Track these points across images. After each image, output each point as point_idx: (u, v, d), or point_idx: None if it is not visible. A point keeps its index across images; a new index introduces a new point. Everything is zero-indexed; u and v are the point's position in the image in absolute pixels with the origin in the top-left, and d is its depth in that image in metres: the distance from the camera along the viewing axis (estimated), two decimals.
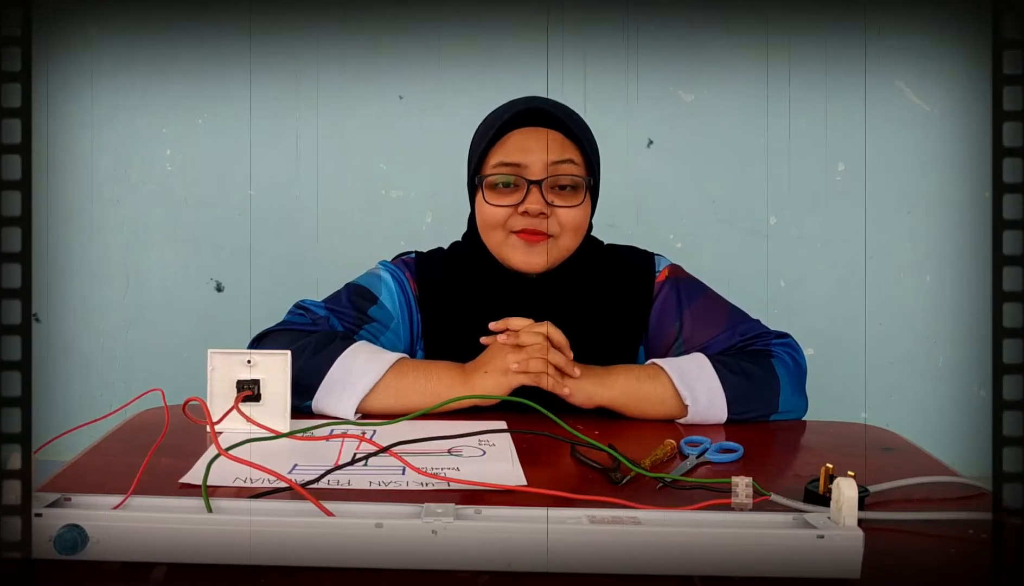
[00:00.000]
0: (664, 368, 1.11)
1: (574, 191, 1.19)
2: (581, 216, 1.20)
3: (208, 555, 0.61)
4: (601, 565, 0.62)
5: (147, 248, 2.11)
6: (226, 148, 2.09)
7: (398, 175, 2.09)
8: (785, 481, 0.88)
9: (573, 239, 1.21)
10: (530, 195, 1.17)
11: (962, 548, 0.70)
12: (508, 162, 1.18)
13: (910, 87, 2.06)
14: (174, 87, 2.07)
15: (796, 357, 1.19)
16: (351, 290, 1.24)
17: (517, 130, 1.19)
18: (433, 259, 1.30)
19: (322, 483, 0.79)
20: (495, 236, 1.21)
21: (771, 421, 1.14)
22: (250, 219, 2.10)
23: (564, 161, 1.18)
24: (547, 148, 1.17)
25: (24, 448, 0.57)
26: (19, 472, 0.57)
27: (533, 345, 1.07)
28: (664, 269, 1.28)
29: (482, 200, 1.20)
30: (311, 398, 1.08)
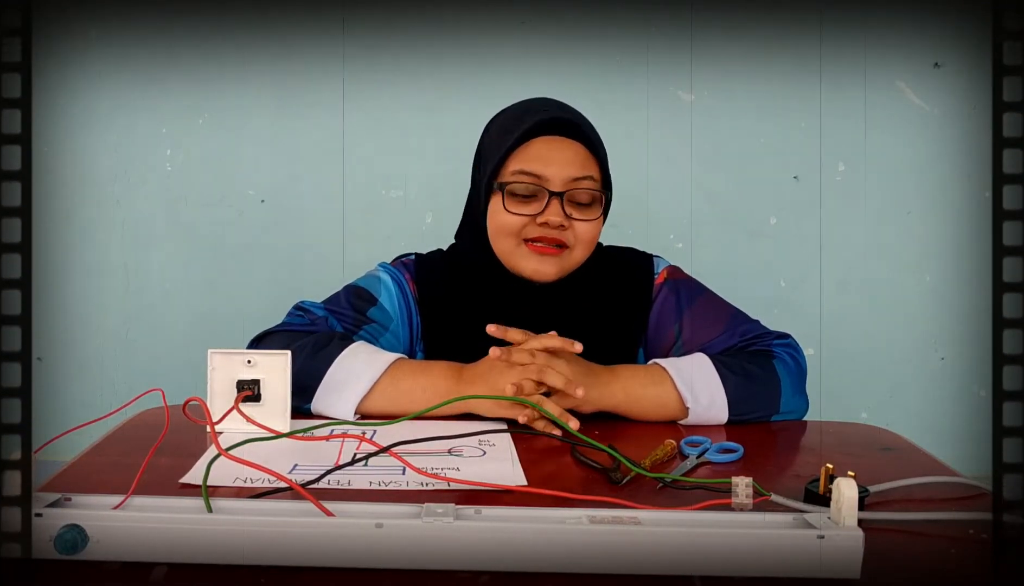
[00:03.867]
0: (666, 369, 1.11)
1: (593, 205, 1.18)
2: (596, 230, 1.20)
3: (208, 555, 0.61)
4: (601, 565, 0.61)
5: (147, 248, 2.11)
6: (226, 148, 2.09)
7: (398, 175, 2.09)
8: (785, 481, 0.88)
9: (585, 251, 1.21)
10: (550, 207, 1.16)
11: (962, 548, 0.70)
12: (529, 171, 1.16)
13: (910, 87, 2.06)
14: (174, 87, 2.07)
15: (796, 357, 1.18)
16: (350, 291, 1.23)
17: (540, 138, 1.17)
18: (433, 261, 1.29)
19: (322, 483, 0.79)
20: (507, 243, 1.19)
21: (771, 421, 1.14)
22: (250, 219, 2.10)
23: (585, 177, 1.17)
24: (570, 162, 1.16)
25: (24, 443, 0.57)
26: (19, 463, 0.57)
27: (527, 366, 1.04)
28: (663, 270, 1.28)
29: (500, 207, 1.17)
30: (310, 399, 1.07)
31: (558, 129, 1.18)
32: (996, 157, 0.57)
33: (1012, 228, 0.57)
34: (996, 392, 0.58)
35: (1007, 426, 0.58)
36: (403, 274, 1.26)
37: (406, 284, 1.25)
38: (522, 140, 1.17)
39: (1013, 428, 0.57)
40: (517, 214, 1.17)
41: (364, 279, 1.26)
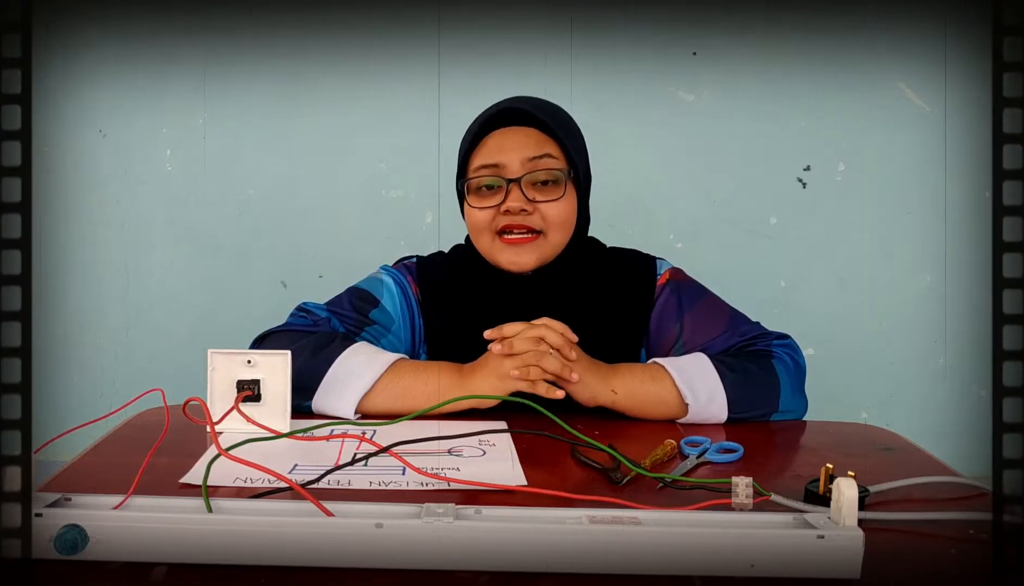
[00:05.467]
0: (665, 367, 1.11)
1: (555, 185, 1.19)
2: (566, 209, 1.20)
3: (208, 555, 0.61)
4: (601, 565, 0.61)
5: (147, 248, 2.11)
6: (226, 148, 2.09)
7: (398, 175, 2.09)
8: (785, 481, 0.88)
9: (562, 234, 1.21)
10: (510, 194, 1.17)
11: (962, 548, 0.70)
12: (487, 163, 1.19)
13: (910, 87, 2.06)
14: (174, 87, 2.07)
15: (796, 358, 1.19)
16: (353, 293, 1.24)
17: (495, 132, 1.20)
18: (434, 262, 1.30)
19: (322, 483, 0.79)
20: (483, 239, 1.21)
21: (771, 421, 1.14)
22: (250, 219, 2.10)
23: (541, 156, 1.18)
24: (524, 145, 1.18)
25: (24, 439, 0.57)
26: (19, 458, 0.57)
27: (528, 352, 1.06)
28: (665, 272, 1.28)
29: (468, 205, 1.21)
30: (311, 397, 1.08)
31: (512, 119, 1.20)
32: (996, 153, 0.57)
33: (1012, 223, 0.57)
34: (996, 387, 0.57)
35: (1007, 422, 0.58)
36: (405, 276, 1.27)
37: (408, 286, 1.26)
38: (479, 137, 1.21)
39: (1013, 423, 0.57)
40: (482, 208, 1.19)
41: (366, 281, 1.26)
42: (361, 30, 2.06)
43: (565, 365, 1.06)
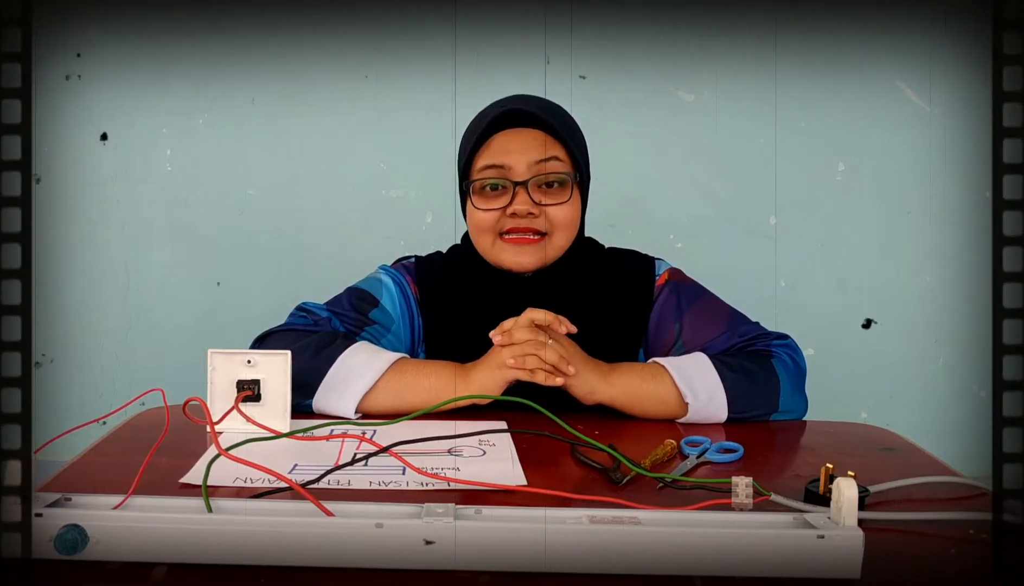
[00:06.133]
0: (665, 366, 1.11)
1: (561, 188, 1.19)
2: (572, 212, 1.20)
3: (208, 555, 0.61)
4: (601, 565, 0.61)
5: (147, 248, 2.11)
6: (226, 148, 2.09)
7: (398, 175, 2.09)
8: (785, 481, 0.88)
9: (565, 236, 1.21)
10: (517, 196, 1.17)
11: (962, 548, 0.70)
12: (493, 165, 1.18)
13: (910, 87, 2.06)
14: (174, 87, 2.07)
15: (796, 358, 1.19)
16: (352, 293, 1.24)
17: (500, 132, 1.20)
18: (433, 262, 1.30)
19: (322, 483, 0.79)
20: (485, 240, 1.21)
21: (771, 421, 1.14)
22: (250, 219, 2.10)
23: (548, 159, 1.18)
24: (531, 148, 1.18)
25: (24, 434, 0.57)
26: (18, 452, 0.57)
27: (526, 341, 1.07)
28: (664, 273, 1.28)
29: (471, 205, 1.21)
30: (312, 397, 1.08)
31: (518, 120, 1.19)
32: (996, 147, 0.57)
33: (1012, 218, 0.57)
34: (996, 382, 0.57)
35: (1007, 416, 0.58)
36: (404, 276, 1.27)
37: (407, 286, 1.26)
38: (484, 137, 1.20)
39: (1013, 418, 0.57)
40: (487, 209, 1.19)
41: (366, 281, 1.27)
42: (361, 30, 2.06)
43: (562, 356, 1.06)
